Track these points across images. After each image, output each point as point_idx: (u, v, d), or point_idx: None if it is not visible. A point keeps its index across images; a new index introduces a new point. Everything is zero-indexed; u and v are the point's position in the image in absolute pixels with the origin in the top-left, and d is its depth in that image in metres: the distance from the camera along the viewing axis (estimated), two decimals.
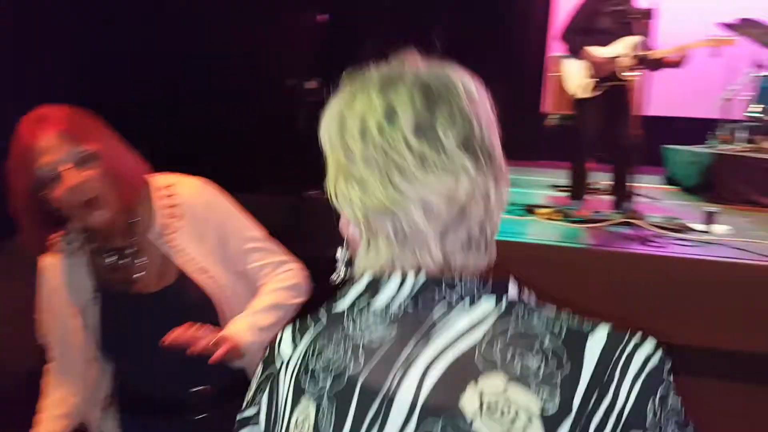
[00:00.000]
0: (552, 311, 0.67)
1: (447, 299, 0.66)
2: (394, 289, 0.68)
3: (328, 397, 0.68)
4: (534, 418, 0.60)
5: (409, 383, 0.65)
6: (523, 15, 6.98)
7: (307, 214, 3.83)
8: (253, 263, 1.46)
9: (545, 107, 6.64)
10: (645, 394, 0.62)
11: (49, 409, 1.43)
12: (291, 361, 0.73)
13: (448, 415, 0.62)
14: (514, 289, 0.68)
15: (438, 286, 0.66)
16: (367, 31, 4.90)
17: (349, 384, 0.67)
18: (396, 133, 0.65)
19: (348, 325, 0.70)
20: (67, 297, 1.40)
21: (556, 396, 0.61)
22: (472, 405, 0.62)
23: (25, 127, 1.26)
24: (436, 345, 0.65)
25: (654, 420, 0.62)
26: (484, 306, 0.66)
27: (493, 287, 0.67)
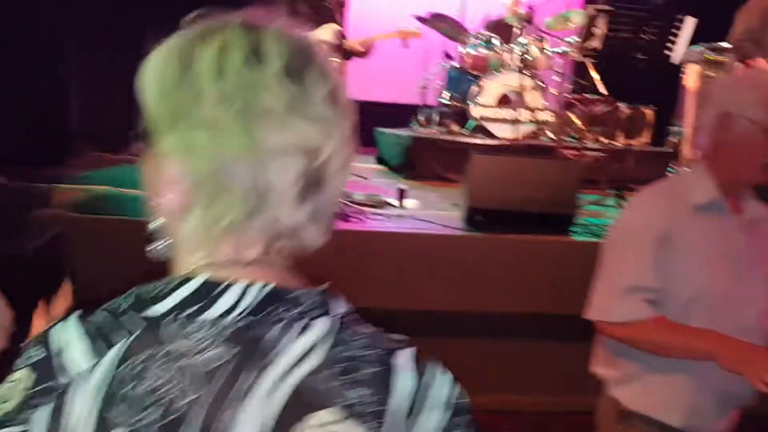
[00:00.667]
0: (371, 332, 0.64)
1: (287, 318, 0.60)
2: (233, 298, 0.59)
3: None
4: None
5: (245, 419, 0.57)
6: None
7: None
8: None
9: None
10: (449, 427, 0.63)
11: None
12: (92, 379, 0.58)
13: None
14: (344, 307, 0.64)
15: (280, 302, 0.60)
16: None
17: (178, 419, 0.56)
18: (266, 69, 0.58)
19: (173, 337, 0.58)
20: None
21: (383, 425, 0.59)
22: None
23: None
24: (274, 373, 0.58)
25: None
26: (318, 328, 0.61)
27: (328, 306, 0.63)
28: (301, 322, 0.60)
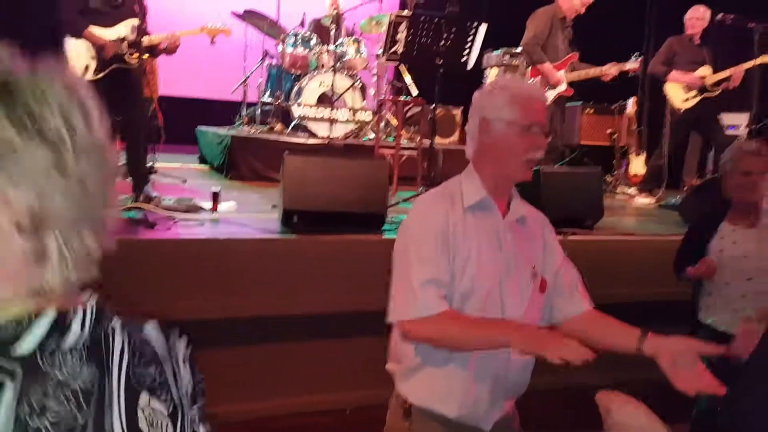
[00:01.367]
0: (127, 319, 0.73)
1: (111, 325, 0.68)
2: (79, 325, 0.64)
3: None
4: (168, 421, 0.69)
5: (117, 424, 0.64)
6: None
7: None
8: None
9: None
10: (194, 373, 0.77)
11: None
12: None
13: None
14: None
15: (104, 316, 0.68)
16: None
17: None
18: None
19: (50, 369, 0.62)
20: None
21: (169, 396, 0.70)
22: (144, 427, 0.66)
23: None
24: (114, 376, 0.66)
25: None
26: (118, 326, 0.69)
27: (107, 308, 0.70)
28: (118, 327, 0.69)
